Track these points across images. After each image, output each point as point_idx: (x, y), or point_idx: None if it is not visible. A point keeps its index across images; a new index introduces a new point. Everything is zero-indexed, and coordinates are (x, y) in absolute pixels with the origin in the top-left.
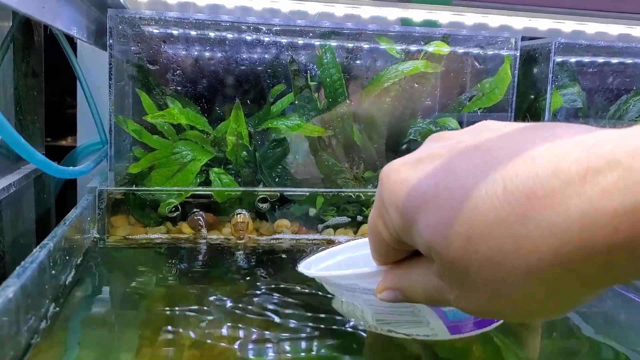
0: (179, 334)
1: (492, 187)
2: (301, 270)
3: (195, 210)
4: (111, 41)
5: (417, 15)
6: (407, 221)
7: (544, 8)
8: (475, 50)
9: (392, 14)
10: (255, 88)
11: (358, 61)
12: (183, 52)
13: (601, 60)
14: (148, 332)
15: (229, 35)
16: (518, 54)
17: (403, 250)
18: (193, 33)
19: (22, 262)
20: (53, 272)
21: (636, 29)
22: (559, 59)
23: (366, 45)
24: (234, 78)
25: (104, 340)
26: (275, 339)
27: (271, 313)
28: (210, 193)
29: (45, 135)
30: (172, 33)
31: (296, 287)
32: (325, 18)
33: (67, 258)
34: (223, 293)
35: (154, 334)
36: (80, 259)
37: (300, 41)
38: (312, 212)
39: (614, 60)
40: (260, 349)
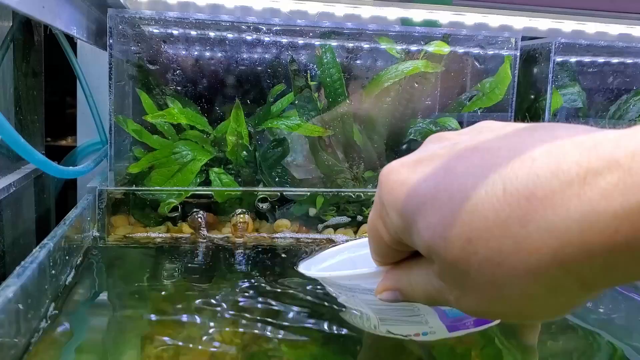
0: (180, 334)
1: (492, 189)
2: (301, 270)
3: (195, 210)
4: (111, 41)
5: (418, 15)
6: (407, 222)
7: (544, 8)
8: (475, 50)
9: (393, 14)
10: (255, 88)
11: (358, 61)
12: (183, 52)
13: (601, 60)
14: (148, 332)
15: (229, 35)
16: (518, 54)
17: (403, 251)
18: (193, 33)
19: (22, 262)
20: (53, 272)
21: (636, 29)
22: (559, 59)
23: (366, 45)
24: (234, 78)
25: (104, 339)
26: (274, 340)
27: (271, 313)
28: (210, 193)
29: (45, 135)
30: (172, 33)
31: (296, 288)
32: (325, 18)
33: (67, 258)
34: (223, 293)
35: (154, 334)
36: (80, 259)
37: (300, 41)
38: (312, 212)
39: (614, 60)
40: (260, 350)
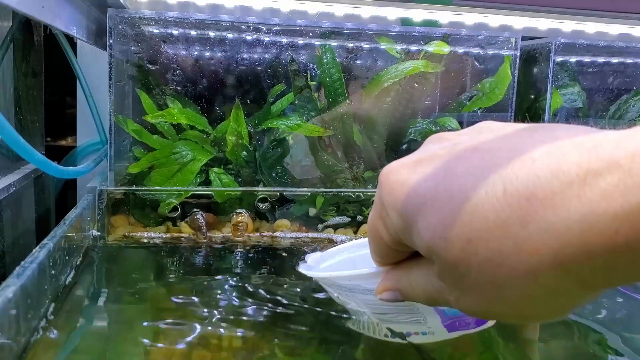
0: (179, 335)
1: (492, 189)
2: (301, 270)
3: (195, 210)
4: (111, 41)
5: (417, 15)
6: (407, 223)
7: (544, 8)
8: (475, 50)
9: (392, 14)
10: (255, 88)
11: (358, 61)
12: (183, 52)
13: (601, 60)
14: (148, 332)
15: (229, 35)
16: (518, 54)
17: (402, 251)
18: (193, 33)
19: (22, 262)
20: (53, 272)
21: (636, 29)
22: (559, 59)
23: (366, 45)
24: (234, 78)
25: (104, 339)
26: (274, 343)
27: (270, 316)
28: (210, 193)
29: (45, 135)
30: (172, 33)
31: (296, 289)
32: (325, 18)
33: (67, 258)
34: (223, 293)
35: (154, 334)
36: (80, 259)
37: (300, 41)
38: (312, 212)
39: (614, 60)
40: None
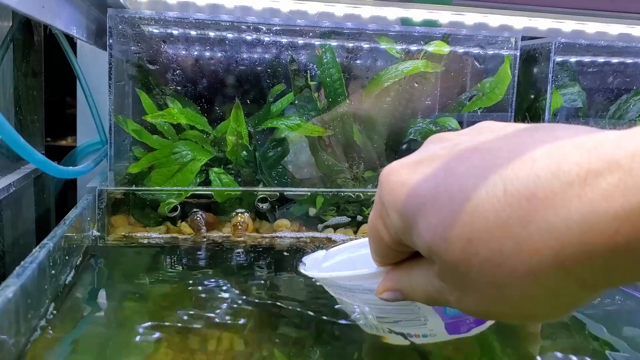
0: (179, 334)
1: (493, 189)
2: (301, 270)
3: (195, 210)
4: (111, 41)
5: (417, 15)
6: (407, 223)
7: (544, 8)
8: (475, 50)
9: (392, 14)
10: (255, 88)
11: (358, 61)
12: (183, 52)
13: (601, 60)
14: (147, 332)
15: (229, 35)
16: (518, 54)
17: (403, 251)
18: (193, 33)
19: (22, 262)
20: (53, 272)
21: (636, 29)
22: (559, 59)
23: (366, 45)
24: (234, 78)
25: (103, 339)
26: (274, 342)
27: (271, 313)
28: (210, 193)
29: (45, 135)
30: (172, 33)
31: (296, 289)
32: (325, 18)
33: (67, 258)
34: (223, 293)
35: (153, 334)
36: (79, 259)
37: (300, 41)
38: (312, 212)
39: (614, 60)
40: (260, 349)
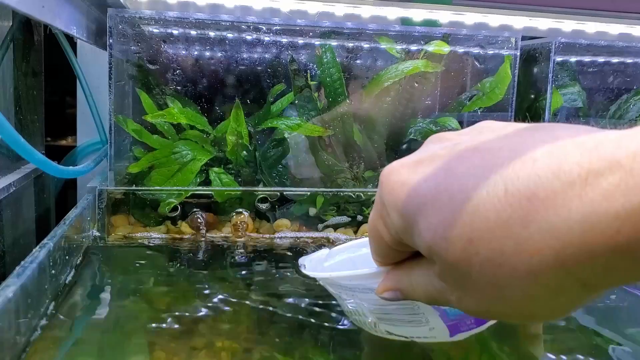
0: (179, 334)
1: (493, 189)
2: (302, 270)
3: (195, 210)
4: (111, 41)
5: (418, 14)
6: (408, 223)
7: (544, 8)
8: (475, 49)
9: (392, 14)
10: (255, 88)
11: (358, 61)
12: (183, 52)
13: (601, 59)
14: (147, 331)
15: (229, 34)
16: (518, 54)
17: (403, 251)
18: (193, 33)
19: (22, 262)
20: (53, 272)
21: (636, 29)
22: (559, 59)
23: (366, 44)
24: (234, 78)
25: (103, 339)
26: (275, 340)
27: (271, 313)
28: (210, 193)
29: (45, 135)
30: (172, 33)
31: (296, 289)
32: (325, 17)
33: (67, 258)
34: (223, 293)
35: (154, 333)
36: (80, 259)
37: (300, 41)
38: (313, 212)
39: (614, 59)
40: (261, 348)
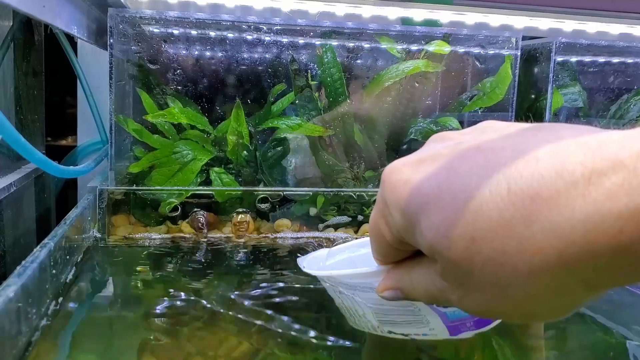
0: (179, 333)
1: (496, 188)
2: (302, 269)
3: (195, 209)
4: (112, 40)
5: (418, 14)
6: (410, 222)
7: (545, 7)
8: (476, 49)
9: (393, 14)
10: (255, 87)
11: (359, 61)
12: (184, 52)
13: (602, 59)
14: (148, 331)
15: (230, 34)
16: (519, 54)
17: (404, 250)
18: (194, 32)
19: (23, 262)
20: (54, 272)
21: (637, 29)
22: (560, 59)
23: (367, 44)
24: (235, 77)
25: (104, 338)
26: (275, 339)
27: (271, 313)
28: (210, 193)
29: (45, 134)
30: (173, 32)
31: (296, 287)
32: (325, 17)
33: (68, 257)
34: (223, 294)
35: (154, 333)
36: (80, 258)
37: (300, 40)
38: (313, 212)
39: (615, 59)
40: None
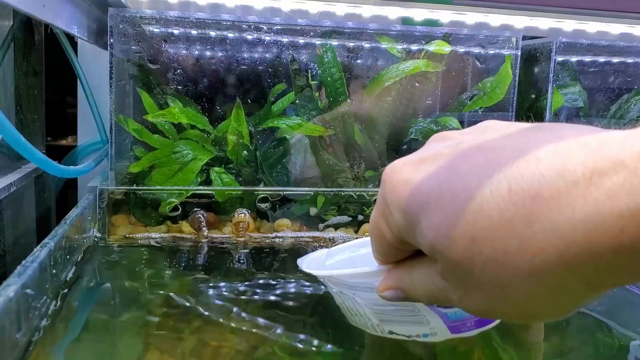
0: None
1: (497, 188)
2: (303, 268)
3: (196, 209)
4: (112, 40)
5: (418, 14)
6: (410, 221)
7: (545, 7)
8: (476, 49)
9: (393, 13)
10: (256, 87)
11: (359, 60)
12: (184, 51)
13: (602, 59)
14: (148, 330)
15: (230, 34)
16: (519, 53)
17: (405, 250)
18: (194, 32)
19: (23, 261)
20: (54, 271)
21: (637, 29)
22: (560, 58)
23: (367, 44)
24: (235, 77)
25: (105, 338)
26: (275, 338)
27: (271, 312)
28: (211, 192)
29: (45, 134)
30: (173, 32)
31: (297, 289)
32: (326, 17)
33: (68, 257)
34: (223, 293)
35: (154, 332)
36: (80, 258)
37: (301, 40)
38: (313, 212)
39: (615, 59)
40: (261, 348)
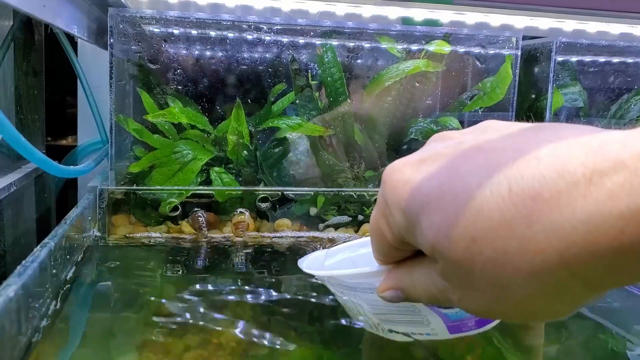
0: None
1: (497, 188)
2: (303, 268)
3: (196, 209)
4: (112, 40)
5: (418, 14)
6: (411, 221)
7: (545, 7)
8: (476, 49)
9: (393, 13)
10: (256, 87)
11: (359, 60)
12: (184, 51)
13: (602, 59)
14: (148, 330)
15: (230, 34)
16: (519, 53)
17: (405, 250)
18: (194, 32)
19: (23, 261)
20: (54, 271)
21: (637, 28)
22: (560, 58)
23: (367, 44)
24: (235, 77)
25: (105, 338)
26: (275, 337)
27: (272, 312)
28: (211, 192)
29: (45, 134)
30: (173, 32)
31: (297, 288)
32: (326, 17)
33: (68, 257)
34: (223, 293)
35: (154, 332)
36: (80, 258)
37: (301, 40)
38: (313, 212)
39: (615, 59)
40: (261, 347)
